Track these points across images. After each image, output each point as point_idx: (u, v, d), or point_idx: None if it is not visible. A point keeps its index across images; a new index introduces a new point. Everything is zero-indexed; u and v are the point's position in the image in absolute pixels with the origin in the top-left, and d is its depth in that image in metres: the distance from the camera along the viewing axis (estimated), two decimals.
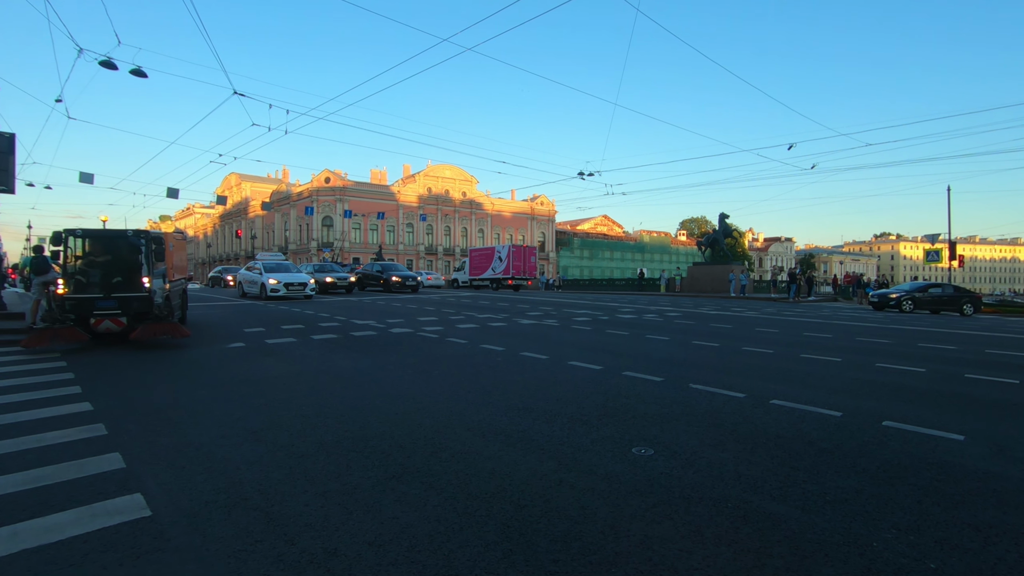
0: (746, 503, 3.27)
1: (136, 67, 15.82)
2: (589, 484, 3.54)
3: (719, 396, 5.98)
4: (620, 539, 2.84)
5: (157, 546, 2.76)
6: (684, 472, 3.76)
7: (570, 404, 5.58)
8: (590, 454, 4.11)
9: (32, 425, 4.80)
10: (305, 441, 4.38)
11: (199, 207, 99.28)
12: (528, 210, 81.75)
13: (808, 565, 2.60)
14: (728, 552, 2.71)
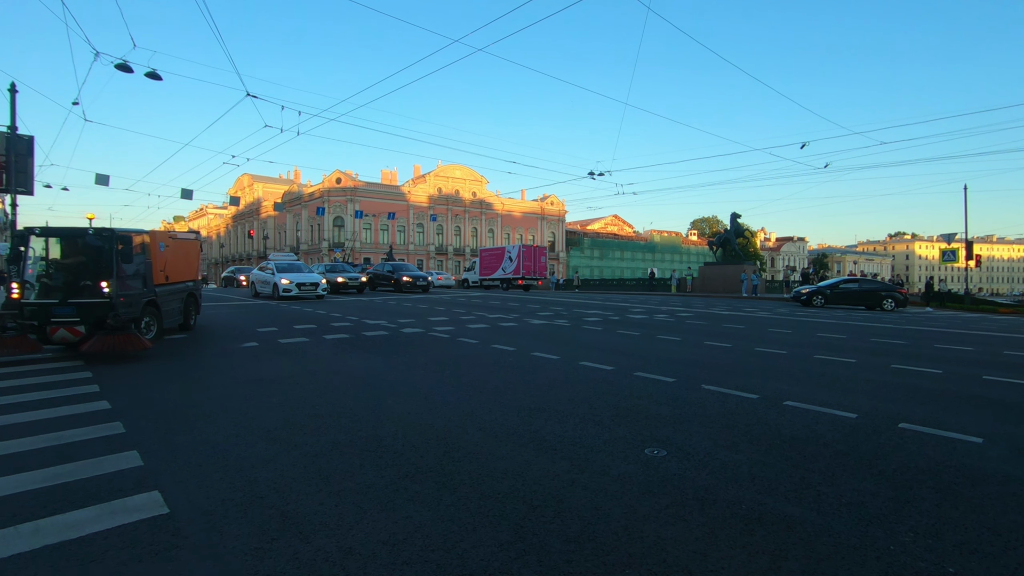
0: (760, 505, 3.25)
1: (151, 70, 16.03)
2: (602, 485, 3.54)
3: (732, 397, 5.94)
4: (634, 540, 2.83)
5: (175, 543, 2.79)
6: (697, 473, 3.74)
7: (582, 404, 5.57)
8: (603, 455, 4.10)
9: (51, 423, 4.88)
10: (319, 440, 4.41)
11: (212, 208, 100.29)
12: (538, 210, 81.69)
13: (824, 568, 2.58)
14: (742, 554, 2.70)
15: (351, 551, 2.71)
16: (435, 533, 2.89)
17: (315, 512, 3.13)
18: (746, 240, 42.54)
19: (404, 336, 10.78)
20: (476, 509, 3.18)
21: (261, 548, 2.74)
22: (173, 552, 2.70)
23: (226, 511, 3.15)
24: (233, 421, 4.97)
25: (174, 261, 10.87)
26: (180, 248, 11.48)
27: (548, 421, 4.97)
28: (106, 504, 3.24)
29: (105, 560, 2.62)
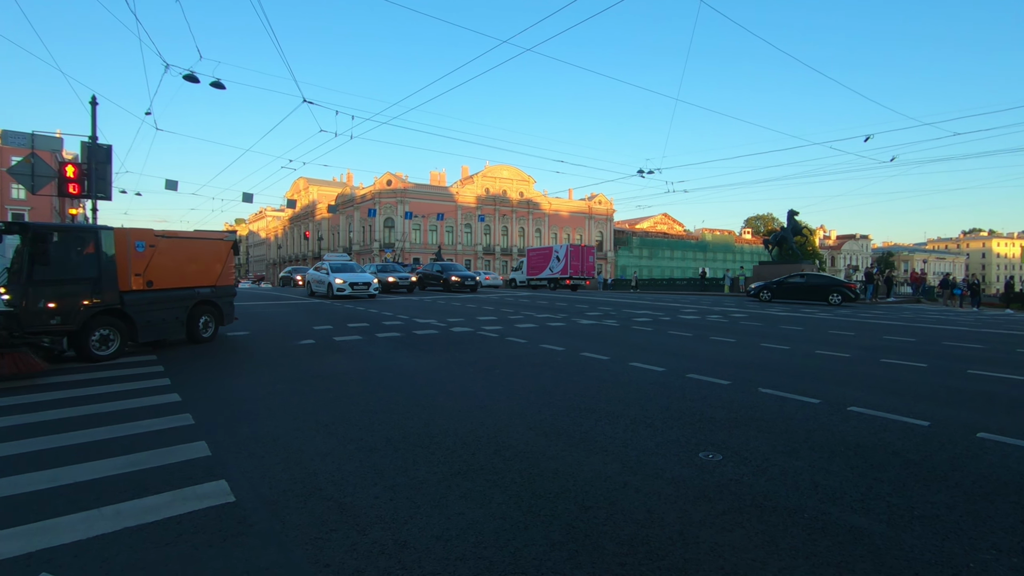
0: (824, 514, 3.11)
1: (215, 79, 16.86)
2: (655, 488, 3.48)
3: (791, 401, 5.72)
4: (689, 545, 2.77)
5: (241, 530, 2.93)
6: (755, 479, 3.62)
7: (633, 406, 5.49)
8: (655, 457, 4.03)
9: (129, 414, 5.20)
10: (373, 435, 4.53)
11: (271, 210, 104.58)
12: (586, 209, 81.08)
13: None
14: (805, 565, 2.59)
15: (406, 544, 2.77)
16: (487, 530, 2.91)
17: (371, 505, 3.22)
18: (804, 238, 40.82)
19: (454, 335, 10.92)
20: (527, 508, 3.19)
21: (321, 538, 2.84)
22: (240, 539, 2.83)
23: (287, 501, 3.28)
24: (292, 415, 5.16)
25: (167, 264, 9.23)
26: (182, 249, 9.73)
27: (598, 422, 4.93)
28: (179, 491, 3.43)
29: (179, 543, 2.78)
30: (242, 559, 2.63)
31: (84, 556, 2.65)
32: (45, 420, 4.98)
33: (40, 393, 6.06)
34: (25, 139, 13.57)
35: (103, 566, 2.56)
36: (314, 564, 2.59)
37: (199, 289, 9.94)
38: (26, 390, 6.22)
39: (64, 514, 3.10)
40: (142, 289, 8.80)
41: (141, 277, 8.79)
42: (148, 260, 8.90)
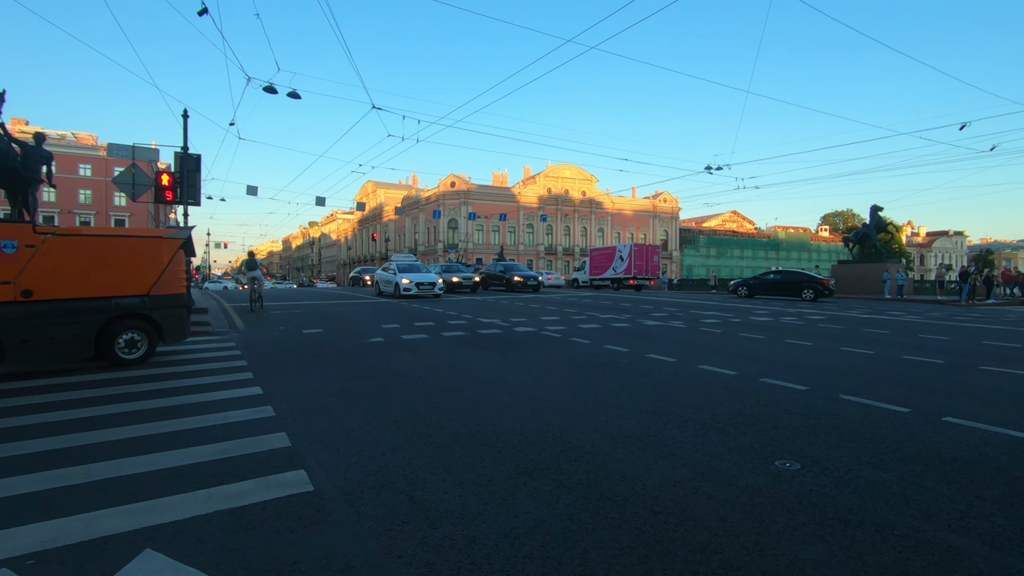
0: (917, 532, 2.90)
1: (292, 90, 17.78)
2: (728, 495, 3.35)
3: (877, 409, 5.36)
4: (766, 557, 2.65)
5: (319, 518, 3.07)
6: (838, 491, 3.42)
7: (702, 410, 5.32)
8: (727, 463, 3.89)
9: (216, 405, 5.58)
10: (441, 432, 4.63)
11: (341, 213, 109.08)
12: (650, 208, 79.39)
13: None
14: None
15: (475, 540, 2.81)
16: (555, 530, 2.91)
17: (440, 500, 3.29)
18: (889, 235, 38.07)
19: (517, 335, 10.98)
20: (595, 509, 3.16)
21: (393, 530, 2.93)
22: (319, 526, 2.97)
23: (362, 493, 3.41)
24: (364, 410, 5.36)
25: (60, 268, 7.39)
26: (86, 250, 7.75)
27: (666, 425, 4.81)
28: (262, 479, 3.64)
29: (264, 528, 2.95)
30: (321, 546, 2.76)
31: (182, 535, 2.87)
32: (142, 408, 5.41)
33: (142, 384, 6.60)
34: (127, 151, 14.82)
35: (198, 545, 2.76)
36: (388, 555, 2.68)
37: (119, 299, 7.90)
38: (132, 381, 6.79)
39: (163, 495, 3.36)
40: (13, 300, 7.03)
41: (11, 286, 7.02)
42: (23, 264, 7.10)
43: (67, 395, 5.99)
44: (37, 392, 6.15)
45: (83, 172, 59.86)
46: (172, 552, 2.68)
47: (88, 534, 2.88)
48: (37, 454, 4.11)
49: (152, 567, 2.55)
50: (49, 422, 4.93)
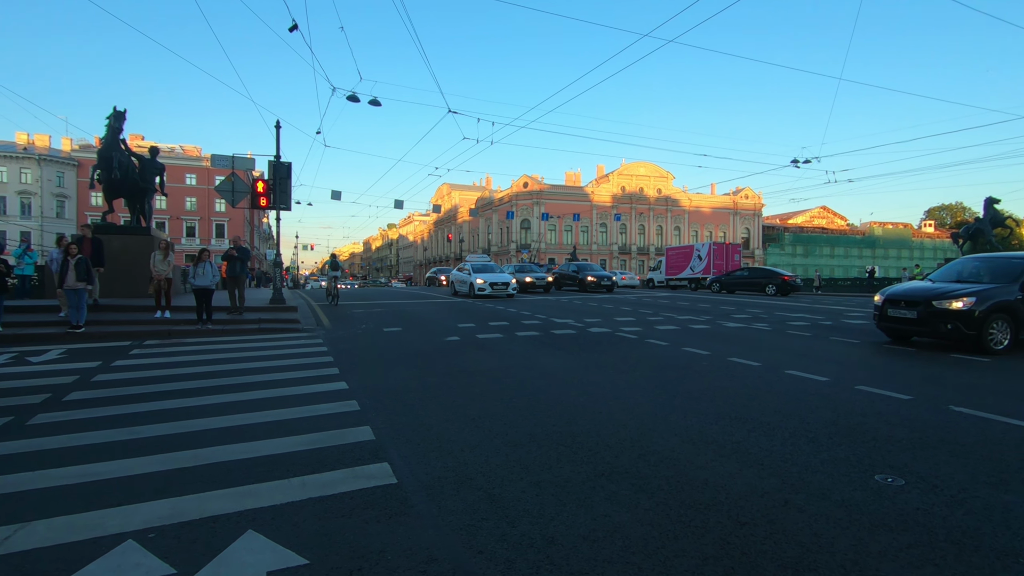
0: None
1: (373, 98, 18.57)
2: (822, 509, 3.16)
3: (995, 424, 4.85)
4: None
5: (403, 510, 3.19)
6: (950, 511, 3.13)
7: (791, 417, 5.04)
8: (820, 475, 3.66)
9: (309, 398, 5.92)
10: (517, 431, 4.67)
11: (418, 215, 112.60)
12: (730, 204, 76.15)
13: None
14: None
15: (553, 540, 2.81)
16: (634, 535, 2.86)
17: (518, 499, 3.32)
18: (1008, 230, 34.27)
19: (591, 335, 10.88)
20: (676, 517, 3.07)
21: (473, 525, 2.99)
22: (402, 518, 3.09)
23: (442, 488, 3.51)
24: (443, 407, 5.51)
25: None
26: None
27: (752, 432, 4.60)
28: (349, 469, 3.83)
29: (352, 517, 3.10)
30: (405, 537, 2.86)
31: (279, 519, 3.07)
32: (242, 399, 5.83)
33: (243, 376, 7.12)
34: (227, 161, 16.07)
35: (294, 529, 2.94)
36: (469, 549, 2.74)
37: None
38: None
39: (263, 481, 3.61)
40: None
41: None
42: None
43: (172, 386, 6.56)
44: (150, 382, 6.79)
45: (189, 181, 65.47)
46: (271, 534, 2.88)
47: (199, 513, 3.14)
48: (153, 438, 4.53)
49: (254, 547, 2.75)
50: (161, 410, 5.43)
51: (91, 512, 3.16)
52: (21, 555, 2.70)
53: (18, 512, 3.16)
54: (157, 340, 10.46)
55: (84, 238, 12.41)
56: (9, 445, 4.37)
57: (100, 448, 4.29)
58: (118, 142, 15.37)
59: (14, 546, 2.78)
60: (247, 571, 2.53)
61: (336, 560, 2.63)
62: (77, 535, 2.89)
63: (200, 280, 11.82)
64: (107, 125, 15.32)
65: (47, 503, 3.30)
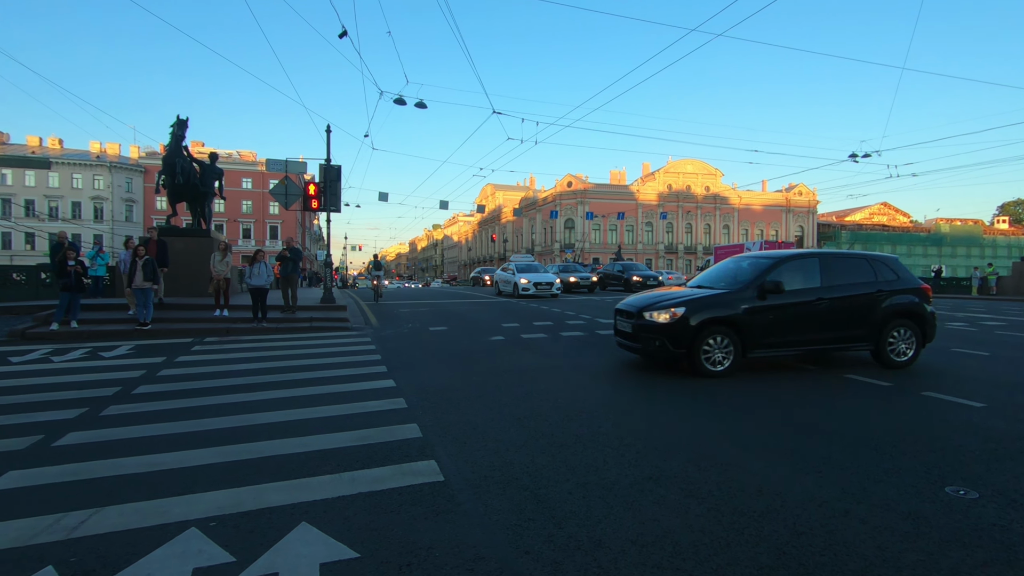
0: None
1: (419, 100, 18.88)
2: (886, 522, 2.99)
3: None
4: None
5: (450, 508, 3.22)
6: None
7: (851, 423, 4.81)
8: (884, 485, 3.47)
9: (358, 395, 6.06)
10: (563, 432, 4.64)
11: (462, 215, 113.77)
12: (783, 201, 73.54)
13: None
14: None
15: (601, 543, 2.78)
16: (684, 542, 2.79)
17: (564, 500, 3.29)
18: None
19: None
20: (728, 523, 2.98)
21: (519, 525, 2.99)
22: (449, 515, 3.11)
23: (488, 486, 3.52)
24: (488, 406, 5.53)
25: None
26: None
27: (808, 438, 4.41)
28: (397, 466, 3.89)
29: (401, 512, 3.15)
30: (452, 535, 2.89)
31: (331, 512, 3.15)
32: (295, 395, 6.02)
33: (295, 372, 7.37)
34: (280, 165, 16.65)
35: (345, 523, 3.01)
36: (515, 549, 2.73)
37: None
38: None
39: (315, 475, 3.72)
40: None
41: None
42: None
43: (230, 382, 6.84)
44: (209, 378, 7.10)
45: (245, 185, 68.30)
46: (323, 527, 2.96)
47: (256, 504, 3.26)
48: (212, 431, 4.74)
49: (307, 539, 2.83)
50: (220, 404, 5.67)
51: (157, 500, 3.33)
52: (96, 538, 2.87)
53: (93, 497, 3.37)
54: (216, 337, 10.95)
55: (150, 240, 13.12)
56: (85, 434, 4.66)
57: (165, 439, 4.52)
58: (181, 149, 16.17)
59: (89, 529, 2.96)
60: (301, 562, 2.61)
61: (386, 555, 2.68)
62: (145, 521, 3.05)
63: (255, 280, 12.30)
64: (171, 133, 16.14)
65: (118, 490, 3.50)
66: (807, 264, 7.31)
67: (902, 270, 7.69)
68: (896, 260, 7.78)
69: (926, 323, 7.42)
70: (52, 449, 4.30)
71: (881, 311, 7.20)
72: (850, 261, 7.60)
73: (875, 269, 7.44)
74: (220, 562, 2.62)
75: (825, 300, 7.04)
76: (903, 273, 7.64)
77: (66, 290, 10.86)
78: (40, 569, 2.56)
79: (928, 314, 7.46)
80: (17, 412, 5.36)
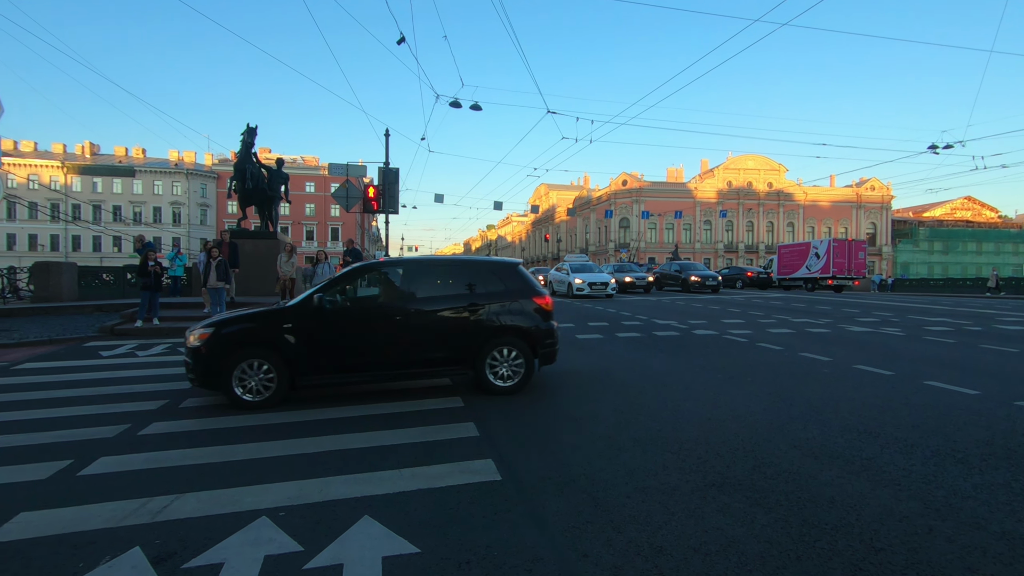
0: None
1: (474, 103, 19.08)
2: (976, 541, 2.77)
3: None
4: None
5: (507, 508, 3.22)
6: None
7: (934, 435, 4.49)
8: (972, 502, 3.22)
9: (416, 393, 6.18)
10: (621, 435, 4.56)
11: (516, 216, 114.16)
12: (853, 197, 69.72)
13: None
14: None
15: (662, 550, 2.71)
16: (751, 552, 2.68)
17: (623, 504, 3.23)
18: None
19: (696, 338, 10.40)
20: (798, 536, 2.84)
21: (577, 528, 2.96)
22: (507, 515, 3.12)
23: (545, 487, 3.50)
24: (543, 407, 5.52)
25: None
26: None
27: (885, 449, 4.15)
28: (455, 464, 3.94)
29: (459, 510, 3.19)
30: (510, 534, 2.89)
31: (392, 507, 3.23)
32: (360, 392, 6.21)
33: None
34: (342, 169, 17.25)
35: (405, 518, 3.08)
36: (574, 552, 2.71)
37: None
38: None
39: (376, 470, 3.82)
40: None
41: None
42: None
43: None
44: None
45: (308, 189, 71.20)
46: (385, 521, 3.03)
47: (321, 496, 3.38)
48: (279, 424, 4.95)
49: (370, 532, 2.91)
50: (286, 398, 5.92)
51: (230, 489, 3.51)
52: (177, 522, 3.05)
53: (173, 484, 3.59)
54: None
55: (223, 242, 13.88)
56: (166, 424, 4.98)
57: (235, 431, 4.77)
58: (250, 155, 17.03)
59: (171, 514, 3.15)
60: (364, 555, 2.68)
61: (445, 551, 2.71)
62: (220, 508, 3.22)
63: (319, 280, 12.80)
64: (241, 140, 17.03)
65: (196, 478, 3.72)
66: (384, 275, 6.35)
67: (516, 279, 6.50)
68: (513, 267, 6.64)
69: (537, 340, 6.29)
70: (137, 438, 4.62)
71: (479, 328, 6.12)
72: (445, 269, 6.63)
73: (479, 279, 6.35)
74: (289, 551, 2.73)
75: (402, 316, 5.95)
76: (517, 283, 6.46)
77: (146, 289, 11.65)
78: (129, 549, 2.75)
79: (541, 330, 6.35)
80: (107, 402, 5.80)
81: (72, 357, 8.75)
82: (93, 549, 2.78)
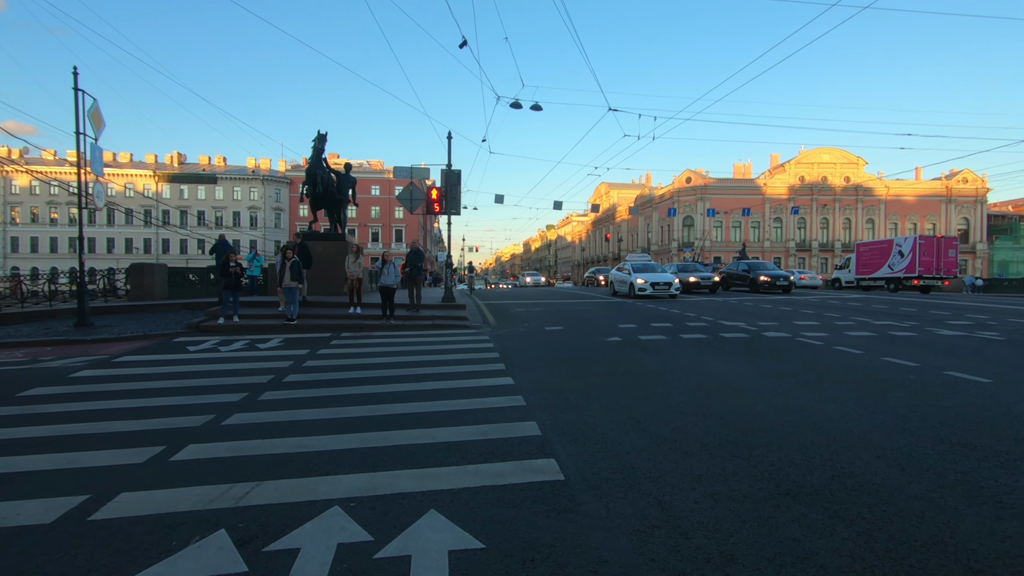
0: None
1: (535, 103, 19.10)
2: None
3: None
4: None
5: (571, 507, 3.20)
6: None
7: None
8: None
9: (479, 391, 6.26)
10: (687, 438, 4.44)
11: (576, 215, 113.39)
12: (942, 190, 64.63)
13: None
14: None
15: (733, 558, 2.61)
16: (831, 566, 2.53)
17: (691, 509, 3.14)
18: None
19: (766, 340, 9.96)
20: (883, 551, 2.66)
21: (643, 531, 2.90)
22: (571, 515, 3.10)
23: (609, 489, 3.46)
24: (606, 407, 5.45)
25: None
26: None
27: (983, 462, 3.82)
28: (518, 462, 3.96)
29: (523, 508, 3.20)
30: (575, 535, 2.87)
31: (457, 502, 3.28)
32: (423, 389, 6.36)
33: (425, 366, 7.79)
34: (406, 172, 17.71)
35: (471, 514, 3.12)
36: (640, 556, 2.66)
37: None
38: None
39: (441, 465, 3.90)
40: None
41: None
42: None
43: (364, 374, 7.38)
44: (346, 370, 7.72)
45: (374, 192, 73.58)
46: (450, 516, 3.08)
47: (390, 489, 3.49)
48: (350, 419, 5.15)
49: (436, 526, 2.97)
50: (355, 394, 6.14)
51: (305, 478, 3.68)
52: (257, 508, 3.23)
53: (254, 472, 3.81)
54: (351, 332, 11.91)
55: (296, 244, 14.58)
56: (247, 416, 5.28)
57: (310, 423, 5.00)
58: (321, 161, 17.78)
59: (252, 500, 3.34)
60: (431, 548, 2.74)
61: (509, 548, 2.73)
62: (296, 496, 3.38)
63: (384, 280, 13.21)
64: (312, 146, 17.81)
65: (274, 466, 3.92)
66: None
67: None
68: None
69: None
70: (221, 427, 4.93)
71: None
72: None
73: None
74: (360, 540, 2.83)
75: None
76: None
77: (227, 288, 12.42)
78: (215, 532, 2.94)
79: None
80: (194, 394, 6.22)
81: (163, 351, 9.46)
82: (184, 530, 2.99)
